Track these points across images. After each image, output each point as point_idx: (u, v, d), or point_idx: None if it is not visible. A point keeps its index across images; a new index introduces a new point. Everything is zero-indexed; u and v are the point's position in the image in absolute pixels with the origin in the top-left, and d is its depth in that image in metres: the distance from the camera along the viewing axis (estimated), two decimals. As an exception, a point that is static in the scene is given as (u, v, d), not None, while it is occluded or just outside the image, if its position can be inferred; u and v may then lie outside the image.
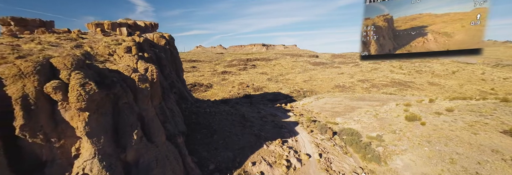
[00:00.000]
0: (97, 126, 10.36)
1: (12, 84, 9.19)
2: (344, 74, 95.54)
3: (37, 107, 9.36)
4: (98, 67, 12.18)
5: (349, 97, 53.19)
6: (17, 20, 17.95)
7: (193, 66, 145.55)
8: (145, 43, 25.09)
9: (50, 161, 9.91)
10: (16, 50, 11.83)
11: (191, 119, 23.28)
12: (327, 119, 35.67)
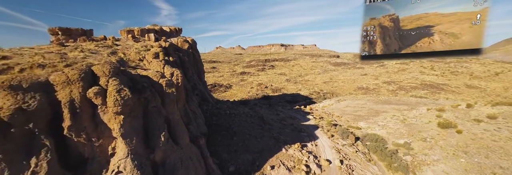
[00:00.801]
0: (130, 128, 11.31)
1: (62, 89, 10.46)
2: (368, 75, 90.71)
3: (81, 110, 10.53)
4: (130, 73, 13.26)
5: (373, 100, 50.49)
6: (63, 30, 20.29)
7: (213, 67, 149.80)
8: (170, 48, 26.61)
9: (91, 158, 11.08)
10: (64, 59, 13.41)
11: (212, 121, 24.09)
12: (348, 123, 34.31)
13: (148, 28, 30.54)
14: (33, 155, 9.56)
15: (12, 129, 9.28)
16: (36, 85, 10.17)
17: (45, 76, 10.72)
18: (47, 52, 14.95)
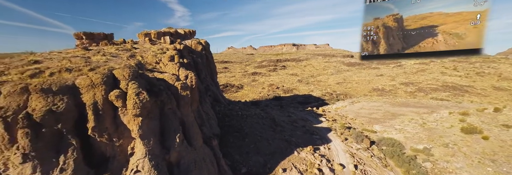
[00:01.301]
0: (147, 129, 11.82)
1: (86, 92, 11.16)
2: (384, 76, 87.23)
3: (104, 112, 11.17)
4: (148, 76, 13.83)
5: (390, 102, 48.53)
6: (87, 35, 21.60)
7: (225, 67, 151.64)
8: (184, 50, 27.37)
9: (112, 157, 11.72)
10: (88, 63, 14.28)
11: (224, 122, 24.44)
12: (363, 126, 33.28)
13: (164, 31, 31.62)
14: (61, 154, 10.30)
15: (43, 129, 10.06)
16: (64, 88, 10.93)
17: (72, 79, 11.49)
18: (73, 56, 16.01)
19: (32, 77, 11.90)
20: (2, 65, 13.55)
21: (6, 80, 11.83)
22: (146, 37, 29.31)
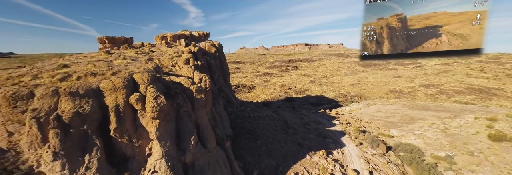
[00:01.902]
0: (164, 132, 12.30)
1: (109, 96, 11.85)
2: (402, 78, 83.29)
3: (125, 114, 11.79)
4: (165, 80, 14.37)
5: (408, 105, 46.32)
6: (109, 39, 22.87)
7: (237, 67, 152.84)
8: (199, 52, 28.04)
9: (131, 157, 12.33)
10: (110, 67, 15.13)
11: (237, 123, 24.71)
12: (379, 130, 32.09)
13: (179, 34, 32.60)
14: (86, 153, 11.03)
15: (71, 130, 10.83)
16: (90, 91, 11.69)
17: (96, 83, 12.25)
18: (97, 60, 17.03)
19: (62, 81, 12.84)
20: (35, 69, 14.75)
21: (39, 83, 12.88)
22: (162, 40, 30.40)
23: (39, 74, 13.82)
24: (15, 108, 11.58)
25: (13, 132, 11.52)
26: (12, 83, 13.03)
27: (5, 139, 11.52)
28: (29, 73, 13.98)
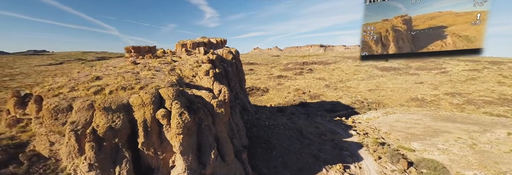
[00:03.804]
0: (187, 146, 12.83)
1: (138, 111, 12.62)
2: (425, 84, 78.79)
3: (151, 129, 12.50)
4: (187, 93, 14.98)
5: (432, 115, 43.82)
6: (135, 48, 24.27)
7: (251, 69, 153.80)
8: (217, 60, 28.77)
9: (156, 169, 13.01)
10: (138, 79, 16.09)
11: (252, 132, 24.97)
12: (399, 142, 30.73)
13: (198, 41, 33.66)
14: (117, 165, 11.83)
15: (104, 143, 11.69)
16: (121, 106, 12.53)
17: (126, 98, 13.10)
18: (125, 71, 18.17)
19: (96, 94, 13.89)
20: (73, 81, 16.06)
21: (77, 95, 14.03)
22: (182, 47, 31.60)
23: (76, 86, 15.07)
24: (56, 120, 12.74)
25: (54, 142, 12.69)
26: (53, 95, 14.33)
27: (47, 148, 12.71)
28: (67, 85, 15.28)
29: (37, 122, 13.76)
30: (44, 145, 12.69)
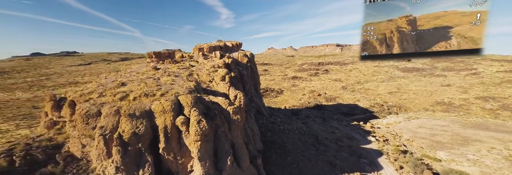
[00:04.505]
0: (205, 152, 13.25)
1: (159, 117, 13.29)
2: (452, 87, 73.14)
3: (171, 135, 13.09)
4: (205, 100, 15.43)
5: (460, 122, 40.66)
6: (156, 54, 25.51)
7: (265, 70, 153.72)
8: (232, 64, 29.24)
9: (175, 173, 13.61)
10: (159, 85, 16.91)
11: (267, 137, 25.02)
12: (423, 151, 28.94)
13: (214, 45, 34.46)
14: (140, 168, 12.56)
15: (129, 148, 12.47)
16: (144, 113, 13.28)
17: (148, 105, 13.85)
18: (147, 77, 19.19)
19: (121, 100, 14.84)
20: (101, 87, 17.30)
21: (104, 101, 15.10)
22: (200, 51, 32.56)
23: (104, 92, 16.22)
24: (87, 124, 13.84)
25: (85, 144, 13.79)
26: (84, 100, 15.56)
27: (79, 149, 13.85)
28: (96, 91, 16.50)
29: (70, 125, 15.05)
30: (76, 147, 13.85)
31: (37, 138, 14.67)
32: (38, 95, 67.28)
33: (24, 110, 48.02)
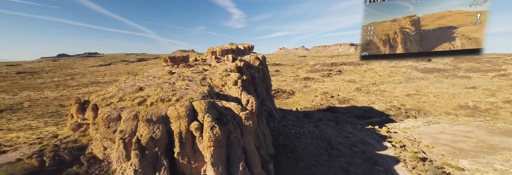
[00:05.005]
0: (218, 157, 13.54)
1: (174, 122, 13.77)
2: (478, 89, 68.34)
3: (186, 140, 13.52)
4: (218, 105, 15.74)
5: (487, 128, 37.99)
6: (171, 58, 26.42)
7: (276, 70, 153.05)
8: (244, 67, 29.50)
9: (189, 177, 14.01)
10: (174, 90, 17.51)
11: (279, 141, 24.98)
12: (444, 158, 27.43)
13: (227, 49, 34.96)
14: (156, 171, 13.10)
15: (146, 151, 13.05)
16: (160, 118, 13.82)
17: (164, 110, 14.38)
18: (163, 82, 19.93)
19: (139, 105, 15.55)
20: (121, 91, 18.22)
21: (124, 106, 15.90)
22: (212, 54, 33.22)
23: (123, 97, 17.08)
24: (108, 128, 14.66)
25: (106, 147, 14.62)
26: (106, 104, 16.49)
27: (101, 151, 14.71)
28: (116, 95, 17.42)
29: (93, 128, 16.03)
30: (99, 149, 14.72)
31: (64, 140, 15.78)
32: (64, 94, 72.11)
33: (51, 108, 51.70)
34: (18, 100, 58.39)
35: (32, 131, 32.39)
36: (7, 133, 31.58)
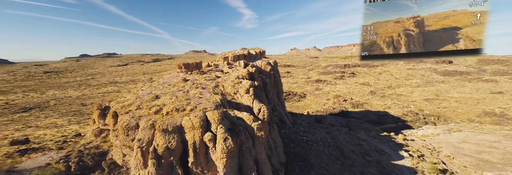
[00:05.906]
0: (230, 168, 13.80)
1: (188, 133, 14.22)
2: (505, 94, 63.62)
3: (199, 150, 13.91)
4: (230, 115, 16.02)
5: (515, 138, 35.26)
6: (185, 65, 27.27)
7: (288, 72, 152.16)
8: (256, 72, 29.73)
9: (202, 186, 14.38)
10: (188, 99, 18.05)
11: (290, 148, 24.88)
12: (466, 171, 25.89)
13: (239, 54, 35.41)
14: (171, 180, 13.58)
15: (162, 161, 13.59)
16: (175, 128, 14.34)
17: (179, 120, 14.89)
18: (177, 90, 20.62)
19: (156, 114, 16.19)
20: (138, 99, 19.08)
21: (142, 114, 16.64)
22: (224, 60, 33.79)
23: (140, 105, 17.88)
24: (127, 136, 15.43)
25: (125, 154, 15.40)
26: (125, 112, 17.35)
27: (121, 158, 15.51)
28: (134, 103, 18.27)
29: (113, 134, 16.93)
30: (118, 156, 15.54)
31: (87, 145, 16.82)
32: (85, 93, 76.47)
33: (74, 107, 55.06)
34: (45, 99, 62.78)
35: (57, 129, 34.67)
36: (36, 130, 34.19)
